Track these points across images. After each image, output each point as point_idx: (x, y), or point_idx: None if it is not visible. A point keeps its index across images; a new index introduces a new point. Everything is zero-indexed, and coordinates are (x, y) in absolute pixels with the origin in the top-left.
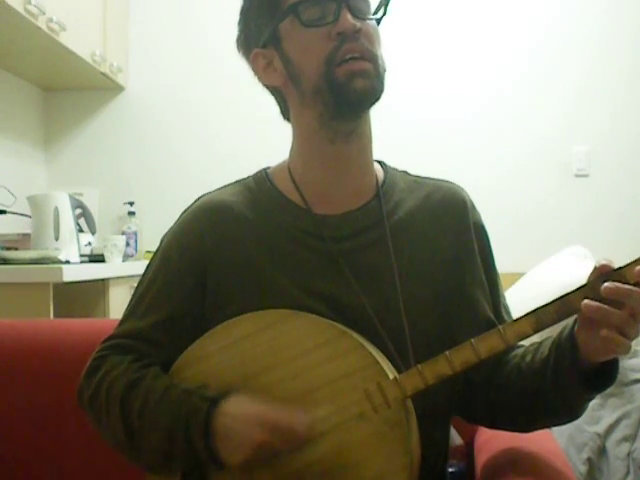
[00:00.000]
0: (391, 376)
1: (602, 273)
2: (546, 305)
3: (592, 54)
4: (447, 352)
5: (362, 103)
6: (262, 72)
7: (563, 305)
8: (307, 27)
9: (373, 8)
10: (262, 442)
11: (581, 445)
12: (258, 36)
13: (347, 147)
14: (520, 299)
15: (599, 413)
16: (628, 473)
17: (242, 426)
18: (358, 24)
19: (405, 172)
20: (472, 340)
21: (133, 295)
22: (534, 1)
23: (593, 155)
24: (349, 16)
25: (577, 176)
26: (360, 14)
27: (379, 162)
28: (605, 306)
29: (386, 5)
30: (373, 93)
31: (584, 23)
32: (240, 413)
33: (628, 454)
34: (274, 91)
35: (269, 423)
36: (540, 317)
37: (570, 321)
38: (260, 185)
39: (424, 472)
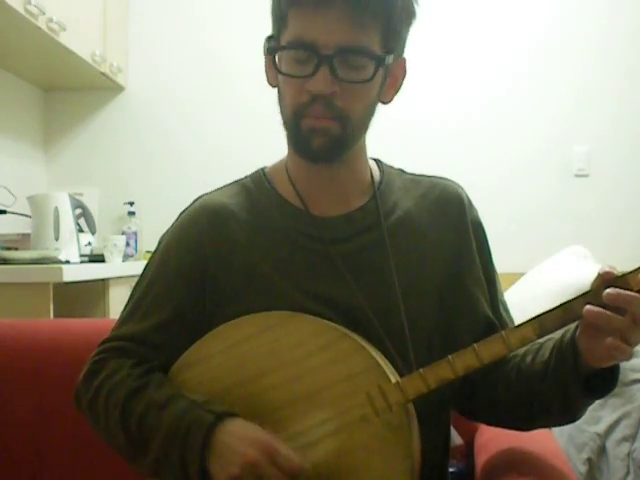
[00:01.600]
0: (393, 379)
1: (605, 280)
2: (549, 311)
3: (592, 54)
4: (450, 356)
5: (318, 160)
6: (267, 59)
7: (566, 311)
8: (282, 74)
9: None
10: (253, 461)
11: (581, 445)
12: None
13: (328, 169)
14: (520, 299)
15: (599, 413)
16: (628, 473)
17: (238, 443)
18: (329, 90)
19: (401, 170)
20: (475, 345)
21: (131, 296)
22: (534, 1)
23: (593, 155)
24: (327, 76)
25: (577, 176)
26: (341, 75)
27: (375, 160)
28: (607, 312)
29: (376, 69)
30: (330, 153)
31: (584, 23)
32: (240, 433)
33: (628, 454)
34: None
35: (264, 445)
36: (543, 323)
37: (572, 325)
38: (258, 186)
39: (425, 473)
